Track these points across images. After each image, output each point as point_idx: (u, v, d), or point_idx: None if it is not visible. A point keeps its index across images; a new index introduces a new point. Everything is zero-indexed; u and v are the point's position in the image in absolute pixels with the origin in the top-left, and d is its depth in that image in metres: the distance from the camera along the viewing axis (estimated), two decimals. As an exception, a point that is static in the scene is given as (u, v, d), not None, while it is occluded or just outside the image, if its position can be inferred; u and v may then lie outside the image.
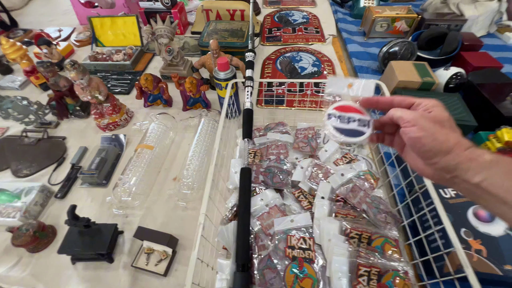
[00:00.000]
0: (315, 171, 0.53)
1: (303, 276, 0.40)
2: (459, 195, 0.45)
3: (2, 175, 0.62)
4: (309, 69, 0.86)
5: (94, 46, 0.98)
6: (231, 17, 1.01)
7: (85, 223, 0.44)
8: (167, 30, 0.73)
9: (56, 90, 0.70)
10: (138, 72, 0.89)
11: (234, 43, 0.82)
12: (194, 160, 0.57)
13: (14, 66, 0.94)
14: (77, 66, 0.59)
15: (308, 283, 0.39)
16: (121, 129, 0.71)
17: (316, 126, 0.64)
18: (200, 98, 0.72)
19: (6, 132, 0.72)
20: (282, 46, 0.98)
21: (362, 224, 0.45)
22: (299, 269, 0.41)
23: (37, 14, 1.32)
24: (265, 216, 0.49)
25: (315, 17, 1.15)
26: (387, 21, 0.95)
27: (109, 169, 0.61)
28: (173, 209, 0.54)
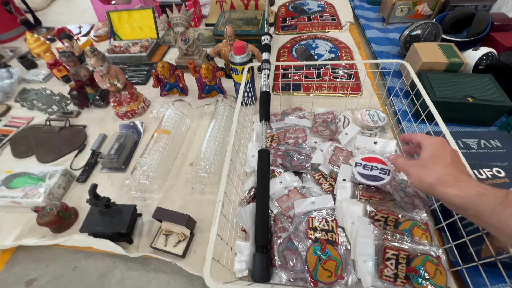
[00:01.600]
0: (336, 154, 0.51)
1: (326, 258, 0.38)
2: (496, 176, 0.42)
3: (29, 160, 0.64)
4: (326, 56, 0.83)
5: (112, 40, 1.00)
6: (245, 7, 1.00)
7: (106, 202, 0.45)
8: (183, 19, 0.73)
9: (77, 80, 0.72)
10: (154, 63, 0.90)
11: (249, 31, 0.81)
12: (211, 143, 0.56)
13: (38, 61, 0.98)
14: (97, 53, 0.60)
15: (331, 265, 0.38)
16: (139, 117, 0.72)
17: (335, 110, 0.61)
18: (215, 86, 0.72)
19: (31, 122, 0.75)
20: (297, 34, 0.96)
21: (388, 207, 0.43)
22: (322, 251, 0.39)
23: (59, 14, 1.38)
24: (284, 198, 0.48)
25: (330, 5, 1.12)
26: (407, 5, 0.91)
27: (128, 155, 0.62)
28: (191, 193, 0.54)
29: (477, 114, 0.58)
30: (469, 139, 0.52)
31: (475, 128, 0.59)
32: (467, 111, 0.57)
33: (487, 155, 0.49)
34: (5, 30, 1.13)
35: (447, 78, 0.61)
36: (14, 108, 0.80)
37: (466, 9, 0.81)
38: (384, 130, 0.59)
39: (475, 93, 0.57)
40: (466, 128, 0.59)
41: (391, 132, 0.59)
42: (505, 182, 0.41)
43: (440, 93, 0.58)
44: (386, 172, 0.44)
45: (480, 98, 0.56)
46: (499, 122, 0.59)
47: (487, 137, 0.53)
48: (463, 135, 0.53)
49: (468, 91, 0.57)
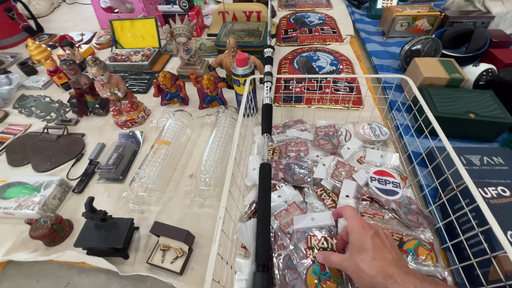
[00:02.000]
0: (338, 169, 0.50)
1: (326, 278, 0.37)
2: (501, 195, 0.41)
3: (24, 169, 0.63)
4: (327, 68, 0.84)
5: (114, 48, 1.00)
6: (247, 18, 1.01)
7: (102, 216, 0.44)
8: (185, 29, 0.74)
9: (77, 88, 0.71)
10: (156, 72, 0.90)
11: (251, 43, 0.81)
12: (211, 156, 0.55)
13: (38, 67, 0.98)
14: (98, 62, 0.59)
15: (332, 286, 0.36)
16: (138, 127, 0.71)
17: (337, 124, 0.61)
18: (216, 96, 0.71)
19: (28, 129, 0.74)
20: (298, 46, 0.97)
21: (392, 225, 0.42)
22: (322, 271, 0.38)
23: (61, 20, 1.38)
24: (284, 213, 0.46)
25: (331, 18, 1.13)
26: (407, 20, 0.92)
27: (126, 165, 0.61)
28: (189, 206, 0.53)
29: (478, 130, 0.58)
30: (471, 156, 0.52)
31: (477, 144, 0.59)
32: (469, 127, 0.57)
33: (490, 172, 0.49)
34: (7, 36, 1.13)
35: (448, 93, 0.61)
36: (11, 115, 0.79)
37: (465, 26, 0.82)
38: (386, 145, 0.58)
39: (477, 109, 0.57)
40: (468, 144, 0.59)
41: (393, 147, 0.58)
42: (511, 201, 0.40)
43: (441, 109, 0.58)
44: (398, 185, 0.47)
45: (481, 114, 0.56)
46: (501, 139, 0.59)
47: (489, 154, 0.52)
48: (466, 152, 0.53)
49: (469, 107, 0.57)
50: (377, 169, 0.49)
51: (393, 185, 0.47)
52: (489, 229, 0.32)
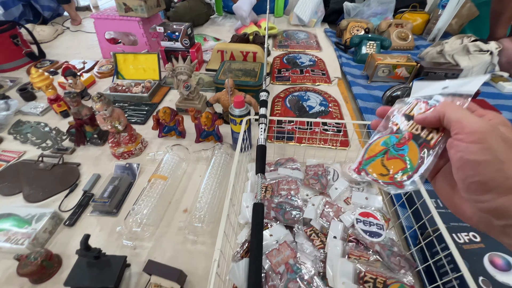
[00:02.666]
0: (326, 209, 0.54)
1: (396, 155, 0.28)
2: (473, 241, 0.45)
3: (14, 199, 0.62)
4: (316, 108, 0.91)
5: (115, 78, 1.04)
6: (244, 58, 1.09)
7: (96, 254, 0.44)
8: (187, 68, 0.80)
9: (77, 118, 0.73)
10: (155, 104, 0.94)
11: (247, 82, 0.88)
12: (206, 193, 0.57)
13: (37, 93, 1.00)
14: (103, 98, 0.63)
15: (397, 165, 0.27)
16: (135, 158, 0.73)
17: (325, 163, 0.66)
18: (213, 131, 0.75)
19: (22, 156, 0.74)
20: (290, 85, 1.05)
21: (377, 267, 0.44)
22: (398, 145, 0.28)
23: (64, 47, 1.43)
24: (275, 253, 0.48)
25: (320, 60, 1.24)
26: (388, 67, 1.03)
27: (121, 198, 0.62)
28: (182, 243, 0.54)
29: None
30: (447, 199, 0.57)
31: (452, 187, 0.64)
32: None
33: (464, 216, 0.53)
34: (9, 61, 1.16)
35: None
36: (6, 141, 0.80)
37: (438, 76, 0.93)
38: (371, 185, 0.63)
39: (450, 155, 0.63)
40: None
41: (377, 187, 0.62)
42: (481, 247, 0.44)
43: (419, 154, 0.63)
44: (381, 227, 0.50)
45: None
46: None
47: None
48: (442, 195, 0.58)
49: (443, 153, 0.63)
50: (362, 211, 0.52)
51: (377, 227, 0.50)
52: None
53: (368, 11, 1.54)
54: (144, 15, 1.12)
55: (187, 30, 1.07)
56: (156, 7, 1.19)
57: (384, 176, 0.26)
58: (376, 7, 1.53)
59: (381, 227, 0.50)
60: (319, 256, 0.47)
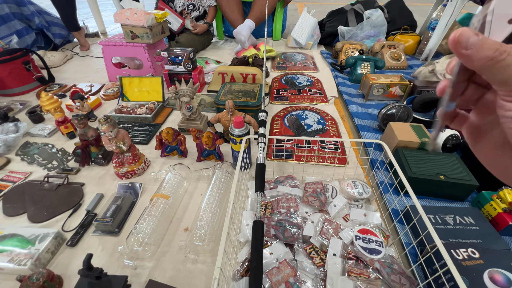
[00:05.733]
0: (325, 226, 0.54)
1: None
2: (472, 257, 0.45)
3: (19, 219, 0.64)
4: (314, 126, 0.93)
5: (120, 100, 1.09)
6: (243, 79, 1.14)
7: (98, 274, 0.44)
8: (189, 91, 0.83)
9: (84, 139, 0.76)
10: (158, 124, 0.98)
11: (247, 103, 0.91)
12: (207, 211, 0.58)
13: (45, 115, 1.04)
14: (109, 120, 0.66)
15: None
16: (138, 177, 0.75)
17: (324, 180, 0.67)
18: (214, 151, 0.77)
19: (28, 177, 0.76)
20: (289, 105, 1.09)
21: (377, 286, 0.44)
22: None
23: (73, 71, 1.50)
24: (275, 271, 0.48)
25: (317, 80, 1.29)
26: (383, 87, 1.07)
27: (123, 217, 0.63)
28: (183, 262, 0.54)
29: (449, 190, 0.64)
30: (445, 215, 0.57)
31: (450, 203, 0.64)
32: (441, 187, 0.64)
33: (462, 232, 0.54)
34: (20, 85, 1.22)
35: (421, 155, 0.69)
36: (13, 162, 0.82)
37: (431, 94, 0.96)
38: (369, 202, 0.64)
39: (446, 171, 0.64)
40: (443, 202, 0.65)
41: (375, 204, 0.63)
42: (480, 263, 0.44)
43: (416, 170, 0.65)
44: (381, 244, 0.50)
45: (450, 176, 0.63)
46: (470, 198, 0.66)
47: (461, 214, 0.58)
48: (440, 211, 0.58)
49: (439, 169, 0.65)
50: (361, 228, 0.53)
51: (376, 243, 0.50)
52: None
53: (362, 33, 1.62)
54: (150, 42, 1.19)
55: (190, 55, 1.13)
56: (161, 34, 1.27)
57: None
58: (369, 30, 1.61)
59: (381, 244, 0.50)
60: (319, 274, 0.47)
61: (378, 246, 0.50)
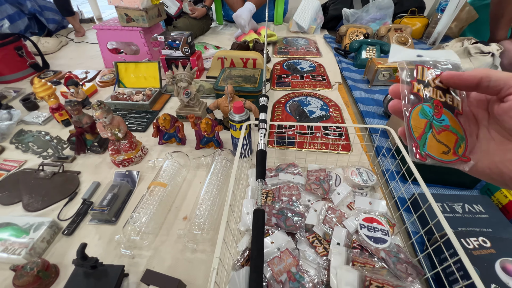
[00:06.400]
0: (329, 215, 0.52)
1: (442, 127, 0.25)
2: (483, 246, 0.43)
3: (13, 208, 0.62)
4: (317, 113, 0.90)
5: (116, 87, 1.05)
6: (244, 64, 1.10)
7: (93, 263, 0.43)
8: (187, 76, 0.80)
9: (78, 126, 0.74)
10: (155, 111, 0.95)
11: (247, 88, 0.88)
12: (206, 199, 0.56)
13: (40, 103, 1.01)
14: (103, 106, 0.63)
15: (450, 138, 0.25)
16: (135, 166, 0.73)
17: (327, 168, 0.64)
18: (213, 138, 0.75)
19: (23, 165, 0.74)
20: (291, 91, 1.05)
21: (382, 275, 0.43)
22: (436, 115, 0.26)
23: (68, 58, 1.46)
24: (276, 260, 0.47)
25: (320, 65, 1.24)
26: (389, 71, 1.02)
27: (120, 206, 0.61)
28: (182, 251, 0.52)
29: (458, 177, 0.61)
30: (454, 203, 0.55)
31: (459, 191, 0.62)
32: (450, 174, 0.61)
33: (472, 220, 0.52)
34: (13, 72, 1.18)
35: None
36: (8, 150, 0.80)
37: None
38: (374, 190, 0.61)
39: (455, 158, 0.61)
40: (451, 190, 0.63)
41: (380, 192, 0.61)
42: (492, 252, 0.42)
43: (423, 157, 0.62)
44: (386, 233, 0.48)
45: (459, 163, 0.60)
46: (479, 185, 0.63)
47: (470, 202, 0.55)
48: (448, 199, 0.56)
49: (448, 155, 0.62)
50: (366, 216, 0.51)
51: (382, 232, 0.48)
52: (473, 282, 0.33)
53: (367, 16, 1.55)
54: (145, 25, 1.14)
55: (188, 39, 1.08)
56: (157, 17, 1.21)
57: (447, 154, 0.23)
58: (375, 13, 1.54)
59: (386, 232, 0.48)
60: (322, 263, 0.46)
61: (383, 235, 0.48)
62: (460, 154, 0.23)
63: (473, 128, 0.24)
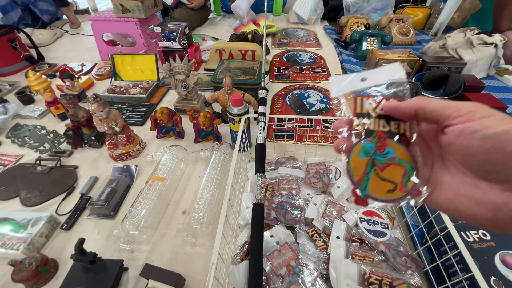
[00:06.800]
0: (328, 208, 0.52)
1: (386, 162, 0.24)
2: (483, 239, 0.43)
3: (11, 203, 0.62)
4: (317, 106, 0.89)
5: (113, 80, 1.04)
6: (242, 56, 1.08)
7: (91, 258, 0.43)
8: (184, 68, 0.78)
9: (74, 120, 0.73)
10: (153, 104, 0.93)
11: (246, 80, 0.86)
12: (205, 193, 0.56)
13: (35, 96, 1.00)
14: (98, 99, 0.62)
15: (397, 172, 0.23)
16: (133, 160, 0.72)
17: (327, 161, 0.64)
18: (212, 131, 0.74)
19: (20, 160, 0.73)
20: (290, 83, 1.03)
21: (382, 268, 0.43)
22: (379, 150, 0.24)
23: (63, 50, 1.43)
24: (276, 254, 0.47)
25: (320, 57, 1.22)
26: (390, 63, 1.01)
27: (118, 200, 0.61)
28: (181, 245, 0.52)
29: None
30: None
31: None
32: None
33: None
34: (7, 65, 1.16)
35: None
36: (4, 144, 0.79)
37: (441, 71, 0.90)
38: (374, 183, 0.61)
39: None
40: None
41: (380, 185, 0.61)
42: (492, 245, 0.42)
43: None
44: (386, 226, 0.47)
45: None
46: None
47: (470, 195, 0.55)
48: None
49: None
50: (365, 210, 0.50)
51: (382, 226, 0.48)
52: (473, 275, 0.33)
53: (368, 7, 1.52)
54: (141, 16, 1.11)
55: (185, 30, 1.06)
56: (153, 8, 1.18)
57: (394, 192, 0.22)
58: (376, 3, 1.51)
59: (386, 226, 0.48)
60: (322, 257, 0.46)
61: (383, 229, 0.48)
62: (409, 187, 0.21)
63: (428, 157, 0.21)
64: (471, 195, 0.18)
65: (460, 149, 0.18)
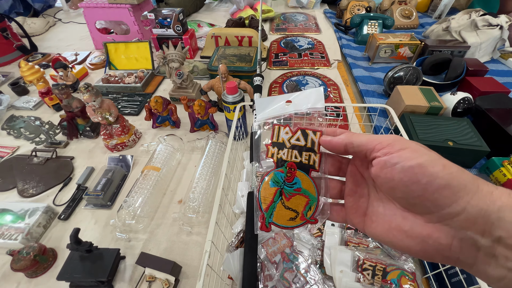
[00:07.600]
0: (324, 196, 0.52)
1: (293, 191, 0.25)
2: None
3: (8, 194, 0.62)
4: (315, 93, 0.87)
5: (107, 69, 1.02)
6: (239, 43, 1.05)
7: (87, 247, 0.43)
8: (178, 55, 0.76)
9: (68, 111, 0.72)
10: (148, 94, 0.92)
11: (242, 68, 0.84)
12: (200, 182, 0.56)
13: (30, 87, 0.98)
14: (90, 88, 0.61)
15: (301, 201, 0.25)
16: (129, 150, 0.72)
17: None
18: (207, 120, 0.73)
19: (16, 151, 0.73)
20: (288, 70, 1.01)
21: (376, 254, 0.43)
22: (288, 180, 0.25)
23: (56, 39, 1.40)
24: (271, 242, 0.47)
25: (320, 43, 1.19)
26: (391, 47, 0.98)
27: (115, 190, 0.61)
28: (177, 234, 0.53)
29: (457, 157, 0.60)
30: (451, 183, 0.54)
31: (457, 170, 0.61)
32: (448, 154, 0.59)
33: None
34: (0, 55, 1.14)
35: (429, 121, 0.65)
36: (0, 136, 0.79)
37: (443, 55, 0.88)
38: (371, 170, 0.60)
39: (455, 137, 0.60)
40: (449, 169, 0.62)
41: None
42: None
43: (422, 136, 0.61)
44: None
45: (459, 142, 0.59)
46: (478, 164, 0.62)
47: (468, 181, 0.55)
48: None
49: (448, 135, 0.60)
50: None
51: None
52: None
53: (370, -12, 1.46)
54: (134, 2, 1.07)
55: (179, 16, 1.03)
56: (147, -7, 1.14)
57: (294, 220, 0.23)
58: (378, -16, 1.44)
59: None
60: (317, 244, 0.46)
61: None
62: (309, 216, 0.23)
63: (363, 187, 0.22)
64: (401, 227, 0.18)
65: (385, 181, 0.18)
